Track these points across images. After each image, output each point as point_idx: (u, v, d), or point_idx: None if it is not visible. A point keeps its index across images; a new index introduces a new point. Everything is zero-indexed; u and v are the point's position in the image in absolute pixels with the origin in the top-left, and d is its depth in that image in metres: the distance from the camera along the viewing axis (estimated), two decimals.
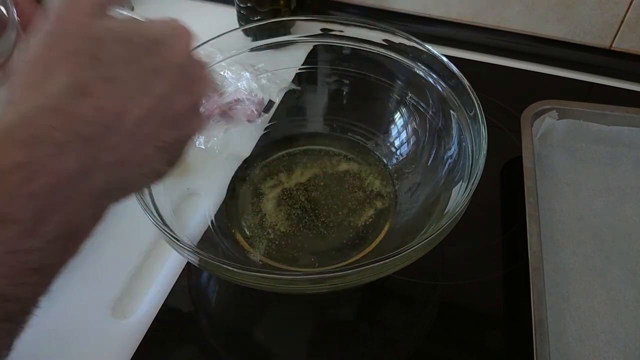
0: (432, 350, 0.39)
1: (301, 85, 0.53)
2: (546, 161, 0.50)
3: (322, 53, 0.50)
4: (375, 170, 0.49)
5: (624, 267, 0.43)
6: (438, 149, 0.45)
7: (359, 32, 0.47)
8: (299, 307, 0.43)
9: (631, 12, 0.57)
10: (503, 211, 0.48)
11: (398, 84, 0.48)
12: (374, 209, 0.46)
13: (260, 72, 0.51)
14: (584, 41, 0.61)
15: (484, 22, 0.63)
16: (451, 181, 0.41)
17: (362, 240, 0.44)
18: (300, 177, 0.49)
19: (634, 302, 0.40)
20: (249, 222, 0.46)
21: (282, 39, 0.49)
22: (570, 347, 0.38)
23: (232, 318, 0.42)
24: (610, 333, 0.39)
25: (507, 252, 0.44)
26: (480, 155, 0.36)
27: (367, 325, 0.41)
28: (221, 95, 0.50)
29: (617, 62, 0.61)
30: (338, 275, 0.31)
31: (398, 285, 0.43)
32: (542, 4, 0.59)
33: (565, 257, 0.43)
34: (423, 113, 0.47)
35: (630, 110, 0.50)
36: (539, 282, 0.38)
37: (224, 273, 0.32)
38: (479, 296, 0.42)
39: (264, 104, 0.52)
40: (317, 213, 0.46)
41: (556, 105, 0.50)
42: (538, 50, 0.63)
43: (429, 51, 0.43)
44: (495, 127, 0.53)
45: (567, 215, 0.46)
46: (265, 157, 0.51)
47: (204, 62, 0.26)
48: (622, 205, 0.47)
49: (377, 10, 0.67)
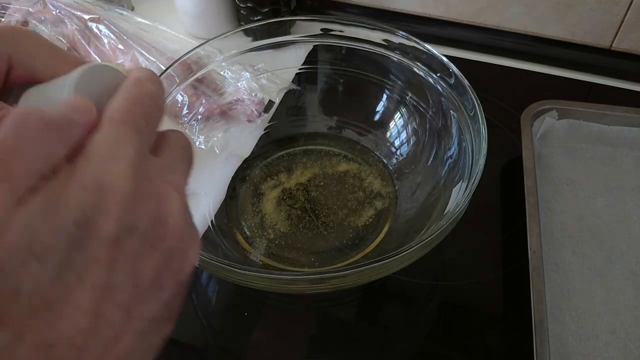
0: (432, 350, 0.39)
1: (301, 85, 0.53)
2: (546, 161, 0.50)
3: (322, 53, 0.50)
4: (375, 170, 0.49)
5: (624, 267, 0.43)
6: (438, 149, 0.45)
7: (359, 32, 0.47)
8: (299, 307, 0.43)
9: (631, 12, 0.57)
10: (503, 211, 0.48)
11: (398, 84, 0.48)
12: (374, 209, 0.46)
13: (260, 72, 0.51)
14: (584, 41, 0.61)
15: (484, 22, 0.63)
16: (451, 181, 0.41)
17: (362, 241, 0.44)
18: (300, 177, 0.49)
19: (634, 302, 0.40)
20: (249, 222, 0.46)
21: (282, 39, 0.49)
22: (570, 347, 0.38)
23: (232, 318, 0.42)
24: (610, 333, 0.39)
25: (507, 252, 0.44)
26: (480, 155, 0.36)
27: (367, 325, 0.41)
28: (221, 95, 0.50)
29: (617, 62, 0.61)
30: (338, 275, 0.31)
31: (398, 285, 0.43)
32: (542, 4, 0.59)
33: (565, 257, 0.43)
34: (423, 113, 0.47)
35: (630, 110, 0.50)
36: (539, 282, 0.38)
37: (224, 273, 0.32)
38: (479, 296, 0.42)
39: (264, 104, 0.52)
40: (317, 213, 0.46)
41: (556, 105, 0.50)
42: (538, 50, 0.63)
43: (429, 51, 0.43)
44: (495, 127, 0.53)
45: (567, 215, 0.46)
46: (265, 157, 0.51)
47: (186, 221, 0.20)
48: (622, 205, 0.47)
49: (377, 10, 0.67)
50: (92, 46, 0.59)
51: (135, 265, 0.18)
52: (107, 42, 0.59)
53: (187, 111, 0.47)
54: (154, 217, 0.19)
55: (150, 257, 0.19)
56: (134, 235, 0.18)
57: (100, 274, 0.17)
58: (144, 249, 0.18)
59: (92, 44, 0.59)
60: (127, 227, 0.18)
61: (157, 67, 0.56)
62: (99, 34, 0.59)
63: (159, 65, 0.57)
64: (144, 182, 0.19)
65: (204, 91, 0.49)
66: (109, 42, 0.58)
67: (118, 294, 0.18)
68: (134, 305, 0.18)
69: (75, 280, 0.17)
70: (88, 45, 0.59)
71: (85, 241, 0.17)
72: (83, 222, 0.17)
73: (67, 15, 0.60)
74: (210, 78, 0.49)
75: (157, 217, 0.19)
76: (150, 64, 0.57)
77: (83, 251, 0.17)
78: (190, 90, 0.47)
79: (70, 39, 0.60)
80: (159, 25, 0.61)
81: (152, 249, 0.19)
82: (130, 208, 0.18)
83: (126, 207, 0.18)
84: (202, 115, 0.48)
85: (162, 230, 0.19)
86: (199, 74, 0.46)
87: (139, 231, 0.18)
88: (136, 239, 0.18)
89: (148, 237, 0.19)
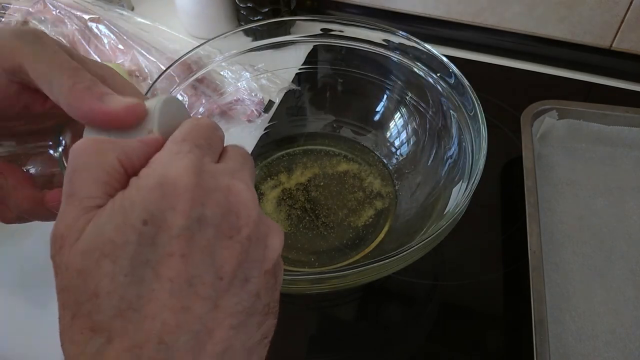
0: (432, 350, 0.39)
1: (301, 85, 0.53)
2: (546, 161, 0.50)
3: (322, 53, 0.50)
4: (375, 170, 0.49)
5: (624, 267, 0.43)
6: (438, 149, 0.45)
7: (359, 32, 0.47)
8: (299, 307, 0.43)
9: (631, 12, 0.57)
10: (503, 211, 0.48)
11: (398, 84, 0.48)
12: (374, 209, 0.46)
13: (260, 72, 0.51)
14: (584, 41, 0.61)
15: (484, 22, 0.63)
16: (451, 181, 0.41)
17: (362, 240, 0.44)
18: (300, 177, 0.49)
19: (634, 302, 0.40)
20: None
21: (282, 39, 0.49)
22: (570, 347, 0.38)
23: None
24: (610, 333, 0.39)
25: (507, 252, 0.44)
26: (480, 155, 0.36)
27: (367, 325, 0.41)
28: (221, 95, 0.50)
29: (617, 62, 0.61)
30: (338, 275, 0.31)
31: (398, 285, 0.43)
32: (542, 4, 0.59)
33: (565, 257, 0.43)
34: (423, 113, 0.47)
35: (630, 110, 0.50)
36: (539, 282, 0.37)
37: None
38: (479, 296, 0.42)
39: (264, 104, 0.52)
40: (317, 213, 0.46)
41: (556, 105, 0.50)
42: (538, 50, 0.63)
43: (429, 51, 0.43)
44: (495, 127, 0.53)
45: (567, 215, 0.46)
46: (265, 157, 0.51)
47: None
48: (622, 205, 0.47)
49: (377, 10, 0.67)
50: (92, 46, 0.59)
51: (213, 256, 0.18)
52: (107, 42, 0.59)
53: None
54: (225, 207, 0.19)
55: (229, 248, 0.19)
56: (206, 227, 0.18)
57: (176, 266, 0.17)
58: (220, 240, 0.18)
59: (92, 44, 0.59)
60: (197, 219, 0.18)
61: (157, 67, 0.56)
62: (99, 34, 0.59)
63: (159, 65, 0.57)
64: (208, 178, 0.19)
65: (204, 91, 0.49)
66: (109, 42, 0.59)
67: (200, 286, 0.18)
68: (220, 298, 0.18)
69: (151, 275, 0.17)
70: (88, 45, 0.59)
71: (156, 237, 0.17)
72: (151, 219, 0.17)
73: (67, 15, 0.60)
74: (210, 78, 0.49)
75: (228, 207, 0.19)
76: (150, 64, 0.57)
77: (155, 246, 0.17)
78: (190, 90, 0.47)
79: (70, 39, 0.60)
80: (159, 25, 0.61)
81: (229, 240, 0.19)
82: (197, 201, 0.18)
83: (192, 200, 0.18)
84: (202, 115, 0.49)
85: (235, 219, 0.19)
86: (199, 74, 0.46)
87: (211, 222, 0.18)
88: (209, 230, 0.18)
89: (222, 228, 0.19)
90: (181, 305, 0.17)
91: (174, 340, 0.17)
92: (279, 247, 0.21)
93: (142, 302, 0.17)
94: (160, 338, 0.17)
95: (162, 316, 0.17)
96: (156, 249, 0.17)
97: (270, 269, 0.20)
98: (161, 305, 0.17)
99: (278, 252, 0.21)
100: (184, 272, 0.17)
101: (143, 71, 0.57)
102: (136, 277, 0.17)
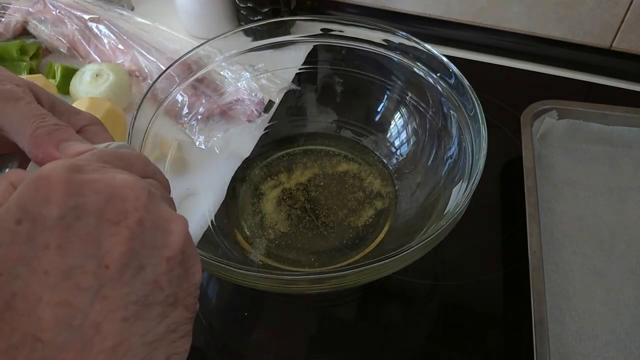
0: (432, 350, 0.39)
1: (301, 85, 0.53)
2: (546, 161, 0.50)
3: (322, 53, 0.50)
4: (375, 170, 0.49)
5: (624, 267, 0.43)
6: (438, 149, 0.45)
7: (359, 32, 0.47)
8: (299, 307, 0.43)
9: (631, 12, 0.57)
10: (503, 211, 0.48)
11: (398, 84, 0.48)
12: (374, 209, 0.46)
13: (260, 72, 0.51)
14: (584, 41, 0.61)
15: (484, 22, 0.63)
16: (451, 181, 0.41)
17: (362, 240, 0.44)
18: (300, 177, 0.49)
19: (634, 302, 0.40)
20: (249, 222, 0.46)
21: (282, 39, 0.49)
22: (570, 347, 0.38)
23: (232, 318, 0.42)
24: (610, 333, 0.39)
25: (507, 252, 0.44)
26: (480, 155, 0.36)
27: (367, 325, 0.41)
28: (221, 95, 0.50)
29: (617, 62, 0.61)
30: (338, 275, 0.31)
31: (398, 285, 0.43)
32: (542, 4, 0.59)
33: (565, 257, 0.43)
34: (423, 113, 0.47)
35: (630, 110, 0.50)
36: (539, 282, 0.38)
37: (224, 273, 0.32)
38: (479, 296, 0.42)
39: (264, 104, 0.52)
40: (317, 213, 0.46)
41: (556, 105, 0.50)
42: (538, 50, 0.63)
43: (429, 51, 0.43)
44: (495, 127, 0.53)
45: (567, 215, 0.46)
46: (265, 157, 0.51)
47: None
48: (622, 205, 0.47)
49: (377, 10, 0.67)
50: (92, 46, 0.59)
51: (98, 244, 0.17)
52: (107, 42, 0.59)
53: (187, 111, 0.47)
54: (108, 192, 0.18)
55: (116, 235, 0.18)
56: (86, 214, 0.18)
57: (51, 258, 0.17)
58: (105, 227, 0.18)
59: (92, 44, 0.59)
60: (73, 207, 0.17)
61: (157, 67, 0.57)
62: (99, 34, 0.59)
63: (159, 65, 0.57)
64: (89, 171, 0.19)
65: (204, 91, 0.49)
66: (109, 42, 0.59)
67: (80, 276, 0.17)
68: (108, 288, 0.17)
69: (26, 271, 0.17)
70: (88, 45, 0.59)
71: (32, 232, 0.17)
72: (25, 217, 0.17)
73: (67, 15, 0.60)
74: (210, 78, 0.49)
75: (112, 192, 0.18)
76: (150, 64, 0.57)
77: (31, 242, 0.17)
78: (190, 90, 0.47)
79: (70, 39, 0.60)
80: (159, 25, 0.61)
81: (115, 226, 0.18)
82: (72, 190, 0.18)
83: (66, 189, 0.17)
84: (202, 115, 0.48)
85: (121, 204, 0.18)
86: (199, 74, 0.46)
87: (91, 208, 0.18)
88: (90, 218, 0.18)
89: (106, 213, 0.18)
90: (58, 299, 0.16)
91: (52, 338, 0.16)
92: (183, 232, 0.20)
93: (17, 299, 0.16)
94: (36, 336, 0.16)
95: (37, 312, 0.16)
96: (32, 244, 0.17)
97: (175, 256, 0.19)
98: (36, 300, 0.16)
99: (183, 237, 0.20)
100: (60, 263, 0.17)
101: (143, 71, 0.57)
102: (11, 275, 0.16)
